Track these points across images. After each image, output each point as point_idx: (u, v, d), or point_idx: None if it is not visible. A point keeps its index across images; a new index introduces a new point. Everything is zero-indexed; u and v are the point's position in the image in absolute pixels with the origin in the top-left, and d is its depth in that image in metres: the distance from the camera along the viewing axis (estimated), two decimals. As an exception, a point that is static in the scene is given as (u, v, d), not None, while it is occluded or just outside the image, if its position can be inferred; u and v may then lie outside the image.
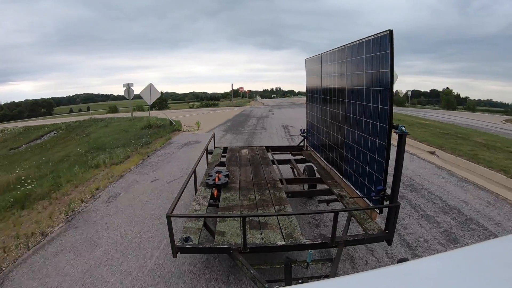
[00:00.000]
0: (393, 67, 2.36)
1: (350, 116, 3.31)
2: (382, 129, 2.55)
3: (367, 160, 2.88)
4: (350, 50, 3.22)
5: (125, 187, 5.49)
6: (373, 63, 2.65)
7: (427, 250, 3.22)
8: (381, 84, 2.53)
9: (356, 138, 3.14)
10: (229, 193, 3.48)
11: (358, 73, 3.02)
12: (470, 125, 16.06)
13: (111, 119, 20.96)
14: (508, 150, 7.95)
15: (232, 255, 2.35)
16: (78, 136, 16.64)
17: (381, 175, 2.61)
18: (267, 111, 22.28)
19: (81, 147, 11.51)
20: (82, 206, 4.67)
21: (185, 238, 2.46)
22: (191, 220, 2.79)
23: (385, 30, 2.40)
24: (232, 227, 2.70)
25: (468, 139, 9.66)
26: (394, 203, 2.45)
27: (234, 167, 4.50)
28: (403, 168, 2.41)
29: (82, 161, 8.01)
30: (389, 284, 0.87)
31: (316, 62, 4.67)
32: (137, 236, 3.62)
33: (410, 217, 3.98)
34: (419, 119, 17.33)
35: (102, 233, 3.75)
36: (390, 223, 2.50)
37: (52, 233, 3.81)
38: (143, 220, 4.03)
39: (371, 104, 2.72)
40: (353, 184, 3.28)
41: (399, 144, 2.35)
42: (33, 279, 2.90)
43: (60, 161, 8.99)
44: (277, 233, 2.58)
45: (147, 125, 13.24)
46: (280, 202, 3.23)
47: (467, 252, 1.06)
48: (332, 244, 2.43)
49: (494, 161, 6.60)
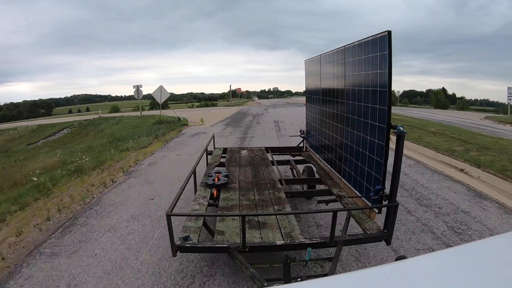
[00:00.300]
0: (391, 67, 2.38)
1: (349, 117, 3.33)
2: (380, 129, 2.57)
3: (366, 160, 2.89)
4: (349, 51, 3.24)
5: (158, 158, 7.76)
6: (371, 64, 2.67)
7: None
8: (379, 85, 2.55)
9: (355, 139, 3.16)
10: (229, 193, 3.49)
11: (357, 74, 3.04)
12: (447, 121, 16.65)
13: (121, 117, 22.72)
14: (451, 136, 9.68)
15: (232, 254, 2.36)
16: (92, 132, 18.22)
17: (379, 175, 2.63)
18: (262, 110, 24.58)
19: (99, 141, 13.28)
20: (132, 168, 6.83)
21: (184, 237, 2.47)
22: (190, 219, 2.80)
23: (383, 31, 2.42)
24: (231, 226, 2.71)
25: (423, 129, 11.48)
26: (393, 202, 2.47)
27: (234, 167, 4.52)
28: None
29: (108, 149, 9.47)
30: (388, 281, 0.87)
31: (315, 63, 4.69)
32: (176, 178, 5.78)
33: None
34: (395, 115, 18.03)
35: (153, 178, 5.99)
36: (388, 223, 2.52)
37: (119, 180, 5.95)
38: (177, 170, 6.35)
39: (370, 104, 2.74)
40: (352, 184, 3.30)
41: (397, 144, 2.37)
42: (119, 196, 5.02)
43: (85, 151, 10.04)
44: (276, 233, 2.59)
45: (159, 121, 15.01)
46: (280, 202, 3.24)
47: (465, 250, 1.07)
48: (331, 243, 2.44)
49: (433, 142, 8.54)
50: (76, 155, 8.92)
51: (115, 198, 4.92)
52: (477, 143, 8.21)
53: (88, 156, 8.23)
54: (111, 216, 4.21)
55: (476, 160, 6.41)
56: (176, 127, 13.54)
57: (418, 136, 9.58)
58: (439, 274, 0.88)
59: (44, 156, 11.37)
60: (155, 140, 10.50)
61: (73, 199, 4.91)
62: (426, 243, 3.33)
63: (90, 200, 4.91)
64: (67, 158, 8.86)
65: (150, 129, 13.19)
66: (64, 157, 9.47)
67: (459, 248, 1.15)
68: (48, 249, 3.39)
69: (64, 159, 9.00)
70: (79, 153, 9.31)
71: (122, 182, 5.76)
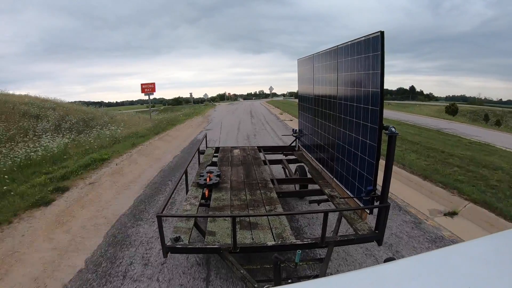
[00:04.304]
0: (383, 68, 2.38)
1: (341, 117, 3.32)
2: (372, 130, 2.57)
3: (357, 160, 2.89)
4: (341, 51, 3.23)
5: (216, 110, 28.13)
6: (364, 64, 2.66)
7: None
8: (371, 85, 2.55)
9: (347, 139, 3.16)
10: (220, 193, 3.46)
11: (349, 74, 3.03)
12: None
13: (182, 107, 39.40)
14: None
15: (222, 255, 2.34)
16: (174, 111, 29.50)
17: (371, 176, 2.63)
18: (241, 104, 42.44)
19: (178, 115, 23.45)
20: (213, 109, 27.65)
21: (175, 238, 2.44)
22: (181, 220, 2.77)
23: (376, 32, 2.41)
24: (222, 227, 2.68)
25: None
26: (384, 203, 2.47)
27: (226, 167, 4.48)
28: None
29: (196, 112, 24.94)
30: (377, 283, 0.89)
31: (308, 63, 4.68)
32: (225, 112, 25.15)
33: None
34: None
35: (220, 113, 23.89)
36: (380, 223, 2.52)
37: (213, 112, 25.89)
38: (223, 110, 27.53)
39: (362, 105, 2.74)
40: (343, 184, 3.30)
41: (389, 145, 2.37)
42: (214, 113, 24.45)
43: (185, 114, 23.13)
44: (267, 233, 2.57)
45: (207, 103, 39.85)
46: (271, 202, 3.22)
47: (453, 251, 1.08)
48: (322, 244, 2.43)
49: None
50: (184, 114, 21.97)
51: (213, 113, 23.45)
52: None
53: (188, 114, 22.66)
54: (215, 114, 23.07)
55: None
56: (212, 107, 34.55)
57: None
58: (427, 275, 0.90)
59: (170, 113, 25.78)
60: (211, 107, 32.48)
61: (202, 116, 21.17)
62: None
63: (208, 115, 22.06)
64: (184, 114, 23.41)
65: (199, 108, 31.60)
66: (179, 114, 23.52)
67: (446, 250, 1.17)
68: (207, 125, 15.95)
69: (181, 114, 23.31)
70: (181, 114, 22.57)
71: (212, 113, 24.38)
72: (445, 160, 6.61)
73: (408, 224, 3.89)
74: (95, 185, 5.40)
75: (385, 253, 3.19)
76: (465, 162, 6.40)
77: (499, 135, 13.03)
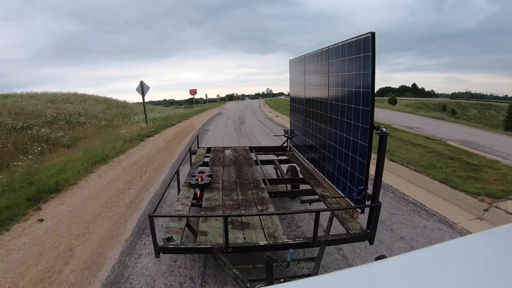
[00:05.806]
0: (374, 68, 2.40)
1: (332, 117, 3.35)
2: (363, 130, 2.60)
3: (349, 160, 2.92)
4: (332, 52, 3.26)
5: (227, 104, 43.87)
6: (355, 65, 2.69)
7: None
8: (362, 86, 2.57)
9: (338, 139, 3.18)
10: (212, 193, 3.44)
11: (341, 75, 3.06)
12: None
13: (200, 105, 46.47)
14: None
15: (214, 255, 2.32)
16: (188, 109, 35.86)
17: (362, 175, 2.65)
18: (245, 102, 53.59)
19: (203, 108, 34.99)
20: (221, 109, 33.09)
21: (167, 238, 2.42)
22: (173, 220, 2.75)
23: (367, 32, 2.44)
24: (214, 227, 2.67)
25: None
26: (376, 202, 2.50)
27: (218, 167, 4.46)
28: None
29: (207, 107, 36.60)
30: (368, 281, 0.89)
31: (300, 63, 4.70)
32: (235, 107, 34.01)
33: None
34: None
35: (228, 106, 38.95)
36: (371, 223, 2.55)
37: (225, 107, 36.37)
38: (230, 105, 41.86)
39: (353, 105, 2.76)
40: (335, 184, 3.32)
41: (380, 145, 2.39)
42: (225, 109, 33.51)
43: (195, 111, 29.77)
44: (259, 233, 2.57)
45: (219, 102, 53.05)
46: (263, 202, 3.22)
47: (443, 248, 1.09)
48: (314, 243, 2.44)
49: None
50: (194, 112, 28.66)
51: (225, 106, 37.43)
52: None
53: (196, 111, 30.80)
54: (226, 106, 37.18)
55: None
56: (223, 103, 48.71)
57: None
58: (418, 273, 0.90)
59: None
60: (218, 106, 39.02)
61: (219, 108, 35.23)
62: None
63: (222, 107, 35.68)
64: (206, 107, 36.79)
65: (214, 105, 43.82)
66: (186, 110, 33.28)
67: (437, 247, 1.18)
68: (222, 110, 29.79)
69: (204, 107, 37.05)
70: (204, 107, 36.39)
71: (224, 106, 38.19)
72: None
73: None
74: (189, 120, 19.71)
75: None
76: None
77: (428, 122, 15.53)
